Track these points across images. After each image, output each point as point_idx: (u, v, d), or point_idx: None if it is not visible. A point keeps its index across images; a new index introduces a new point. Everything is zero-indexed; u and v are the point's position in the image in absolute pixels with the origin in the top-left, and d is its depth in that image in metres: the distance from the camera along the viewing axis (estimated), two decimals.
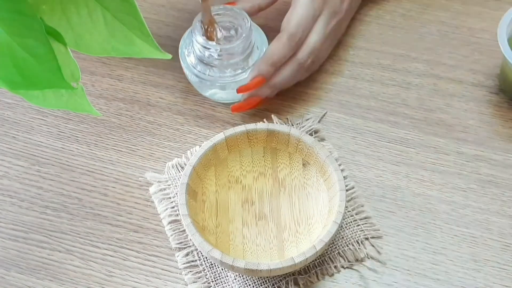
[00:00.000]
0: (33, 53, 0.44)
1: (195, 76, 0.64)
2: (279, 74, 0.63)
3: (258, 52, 0.64)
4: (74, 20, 0.48)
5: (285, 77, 0.63)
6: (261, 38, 0.65)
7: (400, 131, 0.64)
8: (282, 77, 0.63)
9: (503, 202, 0.60)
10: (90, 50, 0.48)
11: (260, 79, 0.62)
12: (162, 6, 0.74)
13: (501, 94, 0.66)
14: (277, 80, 0.63)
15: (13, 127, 0.66)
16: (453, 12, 0.73)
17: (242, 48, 0.62)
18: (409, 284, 0.56)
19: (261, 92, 0.63)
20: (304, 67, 0.64)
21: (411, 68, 0.69)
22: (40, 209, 0.61)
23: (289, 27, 0.63)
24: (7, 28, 0.44)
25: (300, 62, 0.64)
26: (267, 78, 0.63)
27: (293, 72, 0.64)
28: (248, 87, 0.62)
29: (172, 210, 0.60)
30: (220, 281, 0.57)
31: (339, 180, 0.56)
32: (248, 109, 0.64)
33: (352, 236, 0.58)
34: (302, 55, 0.64)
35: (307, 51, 0.64)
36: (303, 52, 0.64)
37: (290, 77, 0.64)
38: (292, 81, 0.65)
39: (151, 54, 0.48)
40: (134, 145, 0.64)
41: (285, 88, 0.65)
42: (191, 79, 0.65)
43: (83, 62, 0.69)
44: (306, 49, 0.64)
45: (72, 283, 0.57)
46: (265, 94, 0.64)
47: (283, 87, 0.64)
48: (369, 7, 0.73)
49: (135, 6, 0.47)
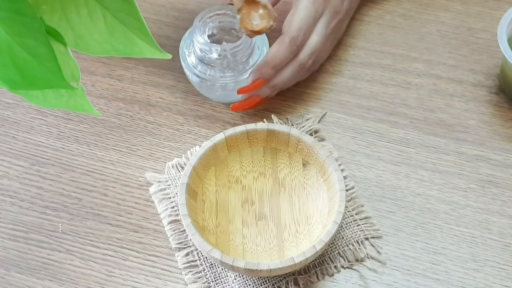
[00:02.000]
0: (33, 53, 0.44)
1: (196, 76, 0.64)
2: (280, 74, 0.63)
3: (259, 52, 0.64)
4: (74, 20, 0.48)
5: (285, 78, 0.63)
6: (262, 38, 0.65)
7: (400, 131, 0.64)
8: (282, 77, 0.63)
9: (503, 202, 0.60)
10: (90, 50, 0.48)
11: (261, 82, 0.62)
12: (162, 6, 0.74)
13: (501, 94, 0.66)
14: (277, 81, 0.63)
15: (13, 127, 0.66)
16: (453, 12, 0.73)
17: (243, 48, 0.62)
18: (409, 284, 0.56)
19: (261, 92, 0.63)
20: (305, 68, 0.64)
21: (411, 68, 0.69)
22: (40, 209, 0.61)
23: (290, 30, 0.63)
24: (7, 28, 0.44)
25: (301, 63, 0.64)
26: (267, 80, 0.63)
27: (294, 72, 0.64)
28: (248, 89, 0.63)
29: (172, 210, 0.60)
30: (220, 281, 0.57)
31: (339, 180, 0.56)
32: (248, 108, 0.64)
33: (352, 236, 0.58)
34: (303, 56, 0.64)
35: (308, 52, 0.64)
36: (304, 53, 0.64)
37: (291, 78, 0.64)
38: (293, 81, 0.65)
39: (151, 54, 0.48)
40: (134, 145, 0.64)
41: (285, 88, 0.65)
42: (191, 79, 0.65)
43: (83, 62, 0.69)
44: (308, 50, 0.64)
45: (72, 283, 0.57)
46: (265, 94, 0.64)
47: (283, 87, 0.64)
48: (369, 7, 0.73)
49: (135, 6, 0.47)
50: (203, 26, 0.63)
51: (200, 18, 0.63)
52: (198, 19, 0.62)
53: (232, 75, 0.63)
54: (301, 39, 0.63)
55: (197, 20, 0.62)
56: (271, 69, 0.62)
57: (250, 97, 0.63)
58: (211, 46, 0.62)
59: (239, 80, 0.63)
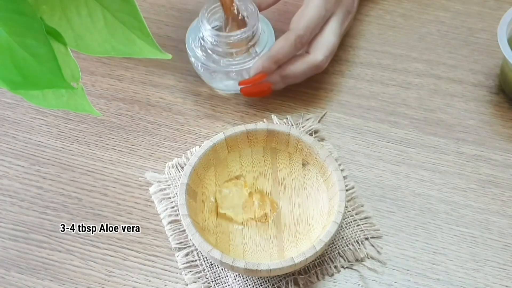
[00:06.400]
0: (33, 53, 0.44)
1: (202, 65, 0.64)
2: (294, 67, 0.63)
3: (265, 40, 0.64)
4: (74, 20, 0.48)
5: (298, 74, 0.64)
6: (268, 28, 0.66)
7: (400, 131, 0.64)
8: (295, 72, 0.64)
9: (503, 202, 0.60)
10: (90, 50, 0.48)
11: (262, 75, 0.63)
12: (162, 6, 0.74)
13: (501, 94, 0.66)
14: (290, 73, 0.63)
15: (13, 127, 0.66)
16: (453, 12, 0.73)
17: (249, 36, 0.63)
18: (409, 284, 0.56)
19: (272, 78, 0.64)
20: (321, 69, 0.65)
21: (411, 68, 0.69)
22: (40, 209, 0.61)
23: (298, 28, 0.63)
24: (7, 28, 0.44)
25: (318, 64, 0.64)
26: (269, 74, 0.63)
27: (308, 71, 0.64)
28: (250, 81, 0.63)
29: (172, 210, 0.60)
30: (220, 281, 0.57)
31: (339, 180, 0.56)
32: (256, 93, 0.64)
33: (352, 236, 0.58)
34: (321, 58, 0.64)
35: (326, 54, 0.64)
36: (322, 54, 0.64)
37: (303, 75, 0.64)
38: (304, 78, 0.65)
39: (151, 54, 0.48)
40: (134, 145, 0.64)
41: (294, 83, 0.65)
42: (197, 68, 0.65)
43: (83, 62, 0.69)
44: (325, 51, 0.64)
45: (72, 283, 0.57)
46: (275, 82, 0.64)
47: (293, 81, 0.65)
48: (369, 7, 0.73)
49: (135, 6, 0.47)
50: (211, 14, 0.64)
51: (206, 8, 0.63)
52: (204, 9, 0.63)
53: (238, 63, 0.63)
54: (307, 38, 0.63)
55: (204, 8, 0.63)
56: (274, 64, 0.63)
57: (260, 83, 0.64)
58: (218, 34, 0.62)
59: (246, 68, 0.64)
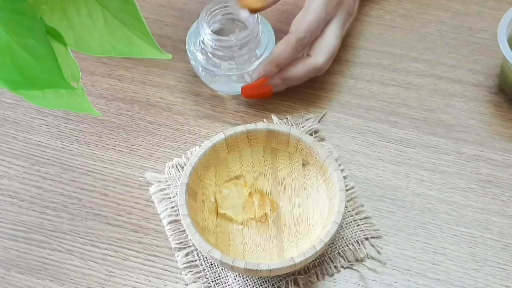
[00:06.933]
0: (33, 53, 0.44)
1: (202, 68, 0.64)
2: (295, 70, 0.64)
3: (266, 43, 0.64)
4: (74, 20, 0.48)
5: (299, 76, 0.64)
6: (268, 30, 0.66)
7: (400, 131, 0.64)
8: (296, 74, 0.64)
9: (503, 202, 0.60)
10: (90, 50, 0.48)
11: (264, 79, 0.63)
12: (162, 6, 0.74)
13: (501, 94, 0.66)
14: (291, 75, 0.64)
15: (13, 127, 0.66)
16: (453, 12, 0.73)
17: (249, 39, 0.63)
18: (409, 284, 0.56)
19: (273, 81, 0.64)
20: (322, 71, 0.65)
21: (411, 68, 0.69)
22: (40, 209, 0.61)
23: (298, 31, 0.63)
24: (7, 28, 0.44)
25: (319, 67, 0.64)
26: (270, 78, 0.63)
27: (309, 73, 0.64)
28: (252, 86, 0.63)
29: (172, 210, 0.60)
30: (220, 281, 0.57)
31: (339, 180, 0.56)
32: (257, 95, 0.64)
33: (352, 236, 0.58)
34: (322, 61, 0.64)
35: (327, 56, 0.64)
36: (323, 56, 0.64)
37: (304, 77, 0.64)
38: (304, 80, 0.65)
39: (151, 54, 0.48)
40: (134, 145, 0.64)
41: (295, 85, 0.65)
42: (198, 71, 0.65)
43: (83, 62, 0.69)
44: (326, 54, 0.64)
45: (72, 283, 0.57)
46: (276, 84, 0.64)
47: (294, 83, 0.65)
48: (369, 7, 0.73)
49: (135, 6, 0.47)
50: (211, 17, 0.64)
51: (206, 11, 0.63)
52: (205, 10, 0.63)
53: (239, 66, 0.63)
54: (308, 41, 0.63)
55: (204, 12, 0.63)
56: (275, 67, 0.63)
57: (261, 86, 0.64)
58: (217, 37, 0.62)
59: (246, 71, 0.64)
